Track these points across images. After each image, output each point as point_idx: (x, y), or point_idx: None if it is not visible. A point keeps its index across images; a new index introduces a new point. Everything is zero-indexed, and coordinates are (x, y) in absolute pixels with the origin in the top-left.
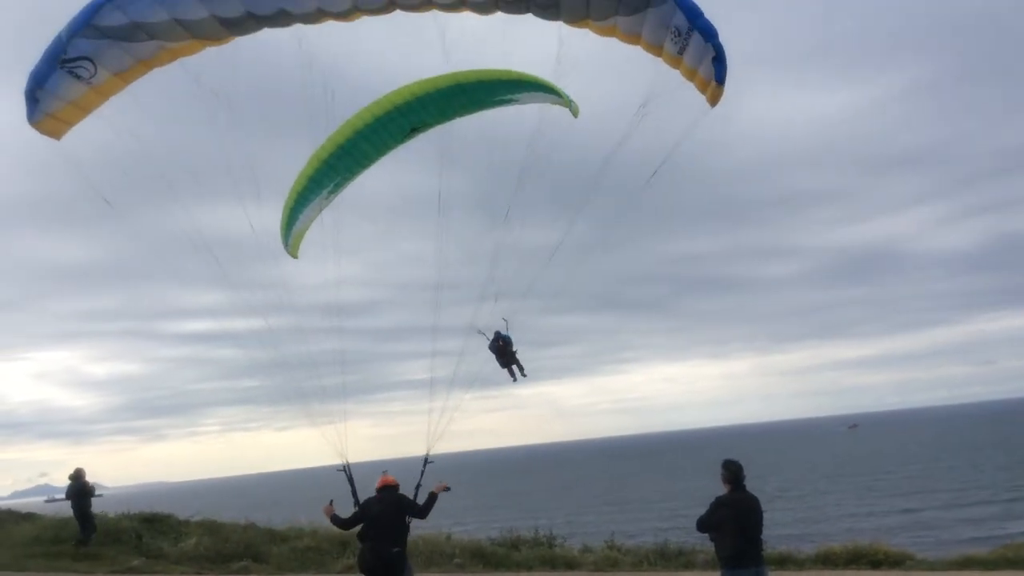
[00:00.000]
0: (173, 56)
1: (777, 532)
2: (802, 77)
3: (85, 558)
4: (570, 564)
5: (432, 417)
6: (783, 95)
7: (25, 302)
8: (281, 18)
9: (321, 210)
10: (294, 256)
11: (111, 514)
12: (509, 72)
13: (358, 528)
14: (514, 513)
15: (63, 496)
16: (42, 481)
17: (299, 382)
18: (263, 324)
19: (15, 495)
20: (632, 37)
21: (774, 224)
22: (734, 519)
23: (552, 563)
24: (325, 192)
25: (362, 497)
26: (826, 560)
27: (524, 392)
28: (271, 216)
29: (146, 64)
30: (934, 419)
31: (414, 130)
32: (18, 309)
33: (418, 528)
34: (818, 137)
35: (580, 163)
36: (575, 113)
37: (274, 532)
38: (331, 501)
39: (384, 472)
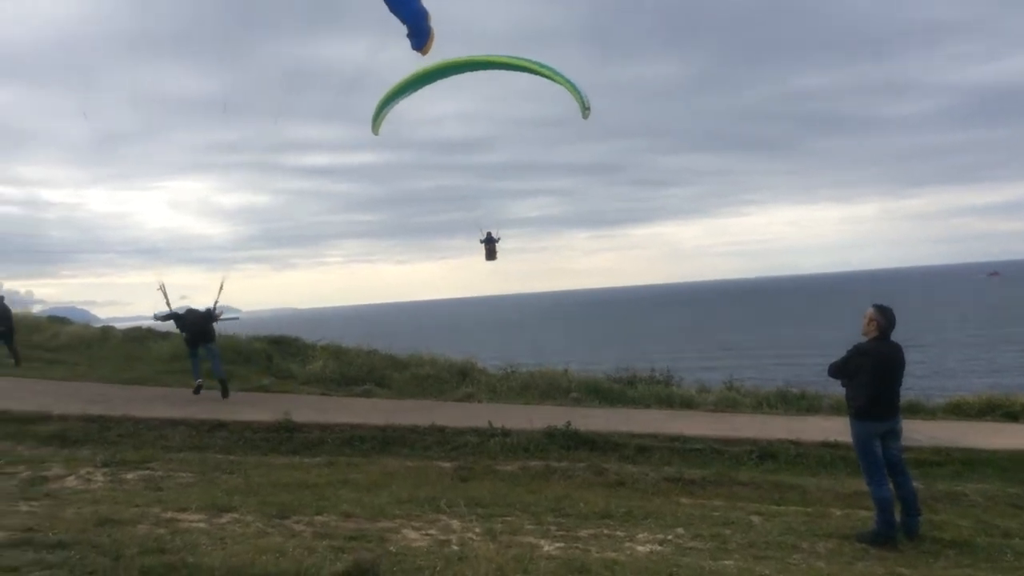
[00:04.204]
0: None
1: (907, 383)
2: None
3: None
4: (687, 403)
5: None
6: None
7: (152, 134)
8: None
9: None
10: (375, 133)
11: (244, 335)
12: (558, 74)
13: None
14: (626, 351)
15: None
16: (182, 303)
17: (416, 217)
18: (382, 159)
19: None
20: None
21: (907, 58)
22: (873, 369)
23: (669, 401)
24: (411, 92)
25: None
26: (957, 410)
27: (639, 232)
28: (391, 51)
29: None
30: None
31: (480, 70)
32: (148, 140)
33: (536, 364)
34: None
35: None
36: (585, 115)
37: (395, 359)
38: (154, 314)
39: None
